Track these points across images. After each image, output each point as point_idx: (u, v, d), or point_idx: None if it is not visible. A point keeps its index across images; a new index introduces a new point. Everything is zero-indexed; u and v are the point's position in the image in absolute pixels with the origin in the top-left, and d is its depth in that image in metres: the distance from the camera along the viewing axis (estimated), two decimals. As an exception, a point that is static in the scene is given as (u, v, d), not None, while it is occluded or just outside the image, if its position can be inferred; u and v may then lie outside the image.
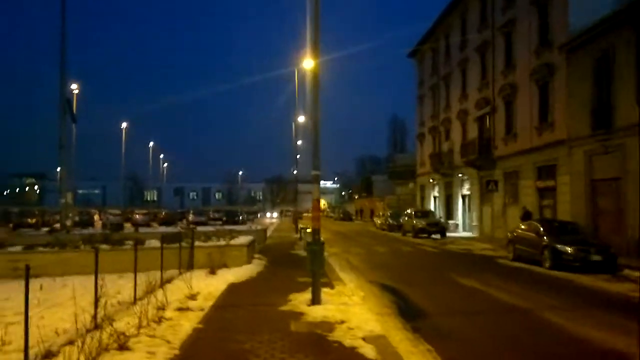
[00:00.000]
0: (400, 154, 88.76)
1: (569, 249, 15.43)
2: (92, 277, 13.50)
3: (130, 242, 16.02)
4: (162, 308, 8.68)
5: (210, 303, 9.68)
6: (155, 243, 16.59)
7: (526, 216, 25.17)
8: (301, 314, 8.65)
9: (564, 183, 23.30)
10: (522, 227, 19.09)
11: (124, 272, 14.51)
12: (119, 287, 11.50)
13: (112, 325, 6.81)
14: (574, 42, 22.21)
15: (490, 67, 31.47)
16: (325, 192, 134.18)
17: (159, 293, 10.13)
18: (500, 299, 10.91)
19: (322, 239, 9.83)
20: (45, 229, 31.03)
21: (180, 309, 8.95)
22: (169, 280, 11.99)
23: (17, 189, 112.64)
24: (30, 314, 8.97)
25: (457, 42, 37.33)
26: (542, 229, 17.12)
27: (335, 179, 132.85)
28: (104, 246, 15.18)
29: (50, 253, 14.74)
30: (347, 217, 74.99)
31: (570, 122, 22.56)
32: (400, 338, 7.41)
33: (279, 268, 15.67)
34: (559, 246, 15.64)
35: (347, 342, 6.82)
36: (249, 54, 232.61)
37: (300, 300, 9.70)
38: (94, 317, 7.52)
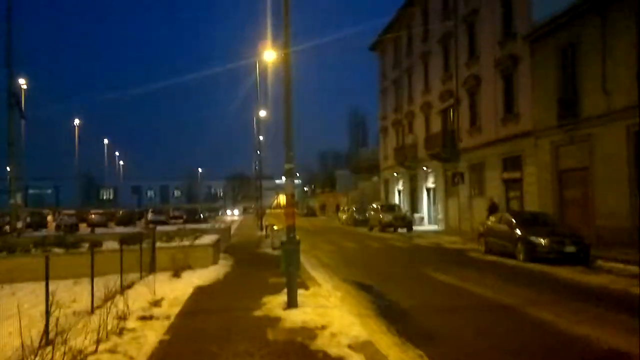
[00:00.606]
0: (362, 148, 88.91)
1: (543, 240, 15.23)
2: (45, 284, 12.58)
3: (86, 245, 14.99)
4: (123, 318, 7.86)
5: (176, 309, 8.90)
6: (113, 245, 15.58)
7: (493, 208, 25.15)
8: (278, 319, 7.97)
9: (530, 174, 23.32)
10: (493, 219, 18.89)
11: (80, 277, 13.51)
12: (75, 294, 10.57)
13: (66, 343, 5.97)
14: (538, 32, 22.20)
15: (454, 59, 31.37)
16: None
17: (120, 300, 9.27)
18: (481, 295, 10.51)
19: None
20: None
21: (143, 318, 8.16)
22: (130, 286, 11.11)
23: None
24: (-29, 329, 8.05)
25: (419, 33, 37.13)
26: (514, 221, 16.91)
27: (297, 174, 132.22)
28: (57, 250, 14.13)
29: (-3, 259, 13.58)
30: (311, 213, 74.47)
31: (536, 113, 22.55)
32: (387, 343, 6.85)
33: (247, 268, 14.93)
34: (532, 238, 15.43)
35: (333, 350, 6.20)
36: (209, 47, 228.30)
37: (274, 304, 9.02)
38: (45, 332, 6.65)
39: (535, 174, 22.85)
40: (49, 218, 48.59)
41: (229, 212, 77.50)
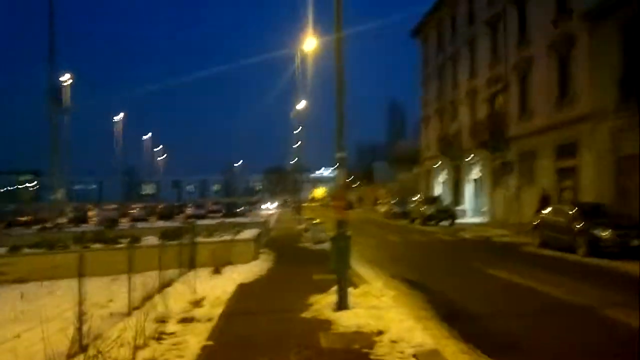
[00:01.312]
0: (400, 139, 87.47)
1: (606, 233, 14.03)
2: (85, 281, 12.19)
3: (126, 240, 14.63)
4: (162, 320, 7.28)
5: (219, 310, 8.26)
6: (152, 240, 15.21)
7: (545, 199, 23.84)
8: (329, 322, 7.24)
9: (586, 162, 21.88)
10: (548, 211, 17.70)
11: (119, 273, 13.07)
12: (112, 293, 10.12)
13: (100, 353, 5.37)
14: (598, 9, 20.69)
15: (502, 42, 29.88)
16: (323, 180, 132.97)
17: (158, 300, 8.73)
18: (549, 294, 9.52)
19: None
20: (37, 227, 29.52)
21: (184, 320, 7.55)
22: (169, 283, 10.56)
23: (15, 187, 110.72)
24: (3, 332, 7.62)
25: (464, 17, 35.74)
26: (573, 212, 15.72)
27: (334, 167, 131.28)
28: (96, 245, 13.82)
29: (37, 255, 13.32)
30: (348, 206, 73.69)
31: (595, 96, 21.06)
32: (455, 352, 6.01)
33: (289, 264, 14.27)
34: (594, 231, 14.23)
35: (397, 362, 5.42)
36: (247, 40, 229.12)
37: (323, 304, 8.29)
38: (79, 338, 6.08)
39: (592, 162, 21.42)
40: (91, 213, 49.20)
41: (264, 205, 76.57)
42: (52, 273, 12.38)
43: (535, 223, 17.78)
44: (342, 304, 7.89)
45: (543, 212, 18.20)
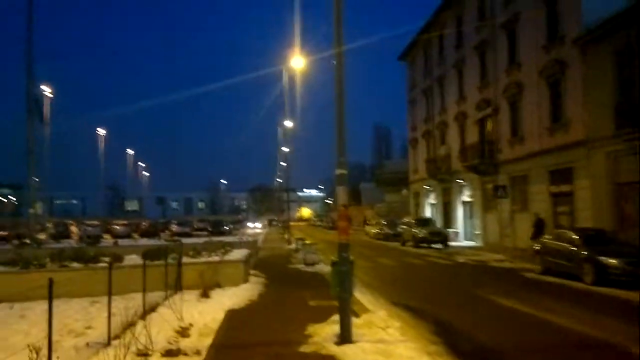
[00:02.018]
0: (387, 161, 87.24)
1: (615, 261, 13.48)
2: (62, 303, 11.29)
3: (107, 259, 13.74)
4: (144, 354, 6.48)
5: (207, 341, 7.48)
6: (135, 259, 14.34)
7: (539, 224, 23.43)
8: (332, 358, 6.51)
9: (582, 187, 21.46)
10: (550, 236, 17.18)
11: (99, 295, 12.24)
12: (91, 318, 9.28)
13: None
14: (591, 34, 20.49)
15: (492, 66, 29.69)
16: (310, 200, 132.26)
17: (140, 327, 7.93)
18: (567, 328, 8.86)
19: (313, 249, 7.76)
20: (16, 242, 28.33)
21: (169, 354, 6.75)
22: (154, 308, 9.75)
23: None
24: (-37, 365, 6.75)
25: (452, 41, 35.61)
26: (577, 238, 15.18)
27: (320, 187, 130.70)
28: (75, 264, 12.90)
29: (10, 274, 12.37)
30: (335, 226, 72.75)
31: (589, 121, 20.76)
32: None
33: (282, 288, 13.49)
34: (602, 258, 13.67)
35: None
36: (232, 57, 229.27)
37: (323, 336, 7.56)
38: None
39: (588, 188, 21.02)
40: (73, 229, 47.80)
41: (250, 224, 74.92)
42: (27, 294, 11.47)
43: (537, 249, 17.21)
44: (345, 336, 7.17)
45: (545, 237, 17.65)
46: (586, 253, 14.28)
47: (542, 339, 8.19)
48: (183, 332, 8.00)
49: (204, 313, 9.47)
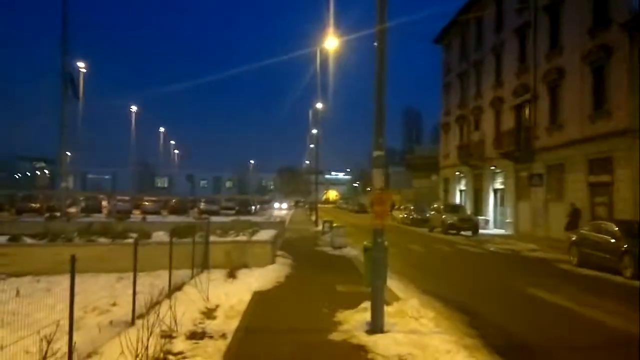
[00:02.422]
0: (417, 145, 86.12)
1: (657, 255, 12.83)
2: (86, 277, 11.21)
3: (135, 235, 13.69)
4: (169, 335, 6.26)
5: (234, 324, 7.24)
6: (163, 236, 14.25)
7: (575, 214, 22.73)
8: (364, 349, 6.18)
9: (623, 178, 20.61)
10: (588, 228, 16.49)
11: (127, 270, 12.15)
12: (116, 295, 9.12)
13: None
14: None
15: (532, 51, 28.60)
16: (336, 183, 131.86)
17: (166, 307, 7.74)
18: (608, 324, 8.38)
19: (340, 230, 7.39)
20: (47, 215, 28.74)
21: (194, 336, 6.53)
22: (179, 287, 9.55)
23: (29, 174, 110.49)
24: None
25: (491, 24, 34.47)
26: (618, 230, 14.50)
27: (347, 170, 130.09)
28: (102, 239, 12.85)
29: (38, 247, 12.37)
30: (362, 210, 72.14)
31: (634, 110, 19.83)
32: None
33: (309, 270, 13.21)
34: (645, 252, 13.02)
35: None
36: (263, 38, 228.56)
37: (353, 324, 7.24)
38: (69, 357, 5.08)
39: (629, 178, 20.13)
40: (104, 203, 48.44)
41: (276, 204, 73.57)
42: (54, 268, 11.45)
43: (574, 239, 16.55)
44: (376, 326, 6.83)
45: (582, 228, 16.98)
46: (627, 246, 13.61)
47: (582, 335, 7.74)
48: (209, 314, 7.78)
49: (231, 294, 9.25)
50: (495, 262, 17.64)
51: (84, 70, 42.84)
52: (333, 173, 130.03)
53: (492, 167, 34.04)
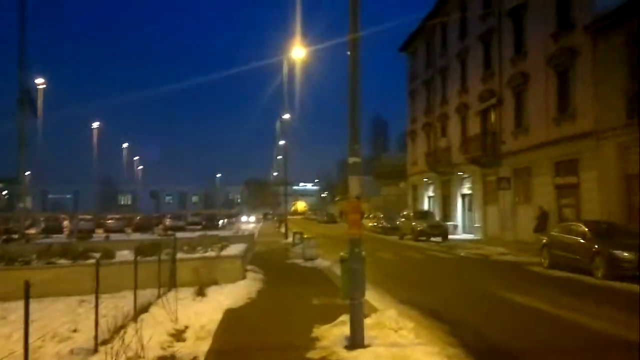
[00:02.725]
0: (384, 153, 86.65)
1: (628, 254, 12.91)
2: (46, 302, 10.59)
3: (97, 254, 13.06)
4: (135, 362, 5.80)
5: (205, 346, 6.80)
6: (127, 255, 13.68)
7: (543, 217, 22.95)
8: (344, 366, 5.85)
9: (589, 179, 20.91)
10: (558, 230, 16.59)
11: (89, 293, 11.56)
12: (78, 320, 8.57)
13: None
14: (602, 22, 19.86)
15: (496, 56, 29.03)
16: (305, 194, 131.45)
17: (132, 331, 7.26)
18: (586, 325, 8.27)
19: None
20: (5, 237, 27.54)
21: (162, 361, 6.09)
22: (146, 308, 9.06)
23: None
24: None
25: (456, 31, 34.89)
26: (588, 231, 14.58)
27: (316, 180, 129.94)
28: (62, 261, 12.19)
29: (-8, 271, 11.64)
30: (331, 220, 72.02)
31: (599, 112, 20.18)
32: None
33: (282, 284, 12.81)
34: (616, 252, 13.08)
35: None
36: (230, 48, 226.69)
37: (332, 339, 6.90)
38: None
39: (595, 179, 20.44)
40: (65, 223, 46.92)
41: (244, 218, 71.32)
42: (11, 293, 10.76)
43: (544, 242, 16.60)
44: (356, 340, 6.51)
45: (553, 230, 17.09)
46: (597, 246, 13.69)
47: (562, 338, 7.58)
48: (178, 336, 7.33)
49: (200, 313, 8.79)
50: (467, 267, 17.57)
51: (43, 87, 41.78)
52: (301, 184, 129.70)
53: (460, 173, 34.29)
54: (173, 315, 8.17)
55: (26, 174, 60.49)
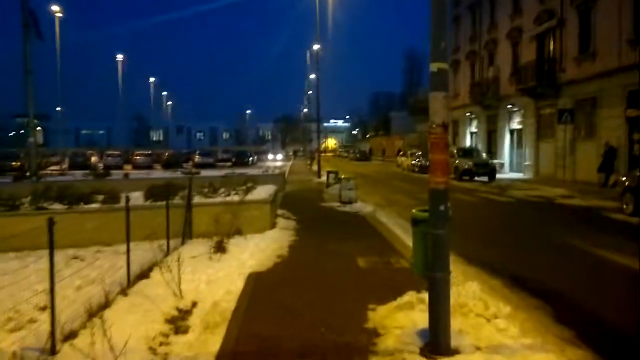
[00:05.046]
0: (419, 88, 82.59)
1: None
2: (33, 258, 8.74)
3: (100, 198, 11.13)
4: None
5: (214, 343, 4.67)
6: (138, 198, 11.71)
7: (610, 153, 20.35)
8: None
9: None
10: (645, 169, 13.91)
11: (88, 245, 9.68)
12: (60, 286, 6.59)
13: None
14: None
15: (558, -29, 25.32)
16: (335, 130, 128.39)
17: (117, 311, 5.25)
18: None
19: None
20: (15, 174, 26.17)
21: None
22: (145, 274, 7.01)
23: (22, 131, 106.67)
24: None
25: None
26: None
27: (347, 117, 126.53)
28: (57, 206, 10.26)
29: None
30: (363, 157, 69.30)
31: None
32: None
33: (318, 236, 10.61)
34: None
35: None
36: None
37: (399, 335, 4.72)
38: None
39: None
40: (93, 159, 45.74)
41: (271, 156, 67.23)
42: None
43: (629, 184, 13.95)
44: (439, 343, 4.31)
45: (636, 171, 14.38)
46: None
47: None
48: (179, 322, 5.25)
49: (215, 281, 6.72)
50: (532, 213, 15.13)
51: (60, 15, 39.56)
52: (332, 121, 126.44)
53: (509, 106, 31.22)
54: (177, 287, 6.08)
55: (57, 109, 59.47)
